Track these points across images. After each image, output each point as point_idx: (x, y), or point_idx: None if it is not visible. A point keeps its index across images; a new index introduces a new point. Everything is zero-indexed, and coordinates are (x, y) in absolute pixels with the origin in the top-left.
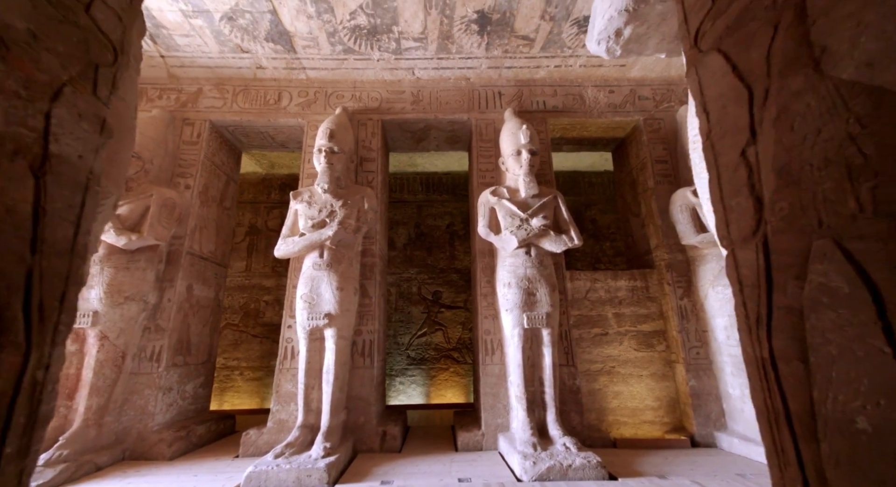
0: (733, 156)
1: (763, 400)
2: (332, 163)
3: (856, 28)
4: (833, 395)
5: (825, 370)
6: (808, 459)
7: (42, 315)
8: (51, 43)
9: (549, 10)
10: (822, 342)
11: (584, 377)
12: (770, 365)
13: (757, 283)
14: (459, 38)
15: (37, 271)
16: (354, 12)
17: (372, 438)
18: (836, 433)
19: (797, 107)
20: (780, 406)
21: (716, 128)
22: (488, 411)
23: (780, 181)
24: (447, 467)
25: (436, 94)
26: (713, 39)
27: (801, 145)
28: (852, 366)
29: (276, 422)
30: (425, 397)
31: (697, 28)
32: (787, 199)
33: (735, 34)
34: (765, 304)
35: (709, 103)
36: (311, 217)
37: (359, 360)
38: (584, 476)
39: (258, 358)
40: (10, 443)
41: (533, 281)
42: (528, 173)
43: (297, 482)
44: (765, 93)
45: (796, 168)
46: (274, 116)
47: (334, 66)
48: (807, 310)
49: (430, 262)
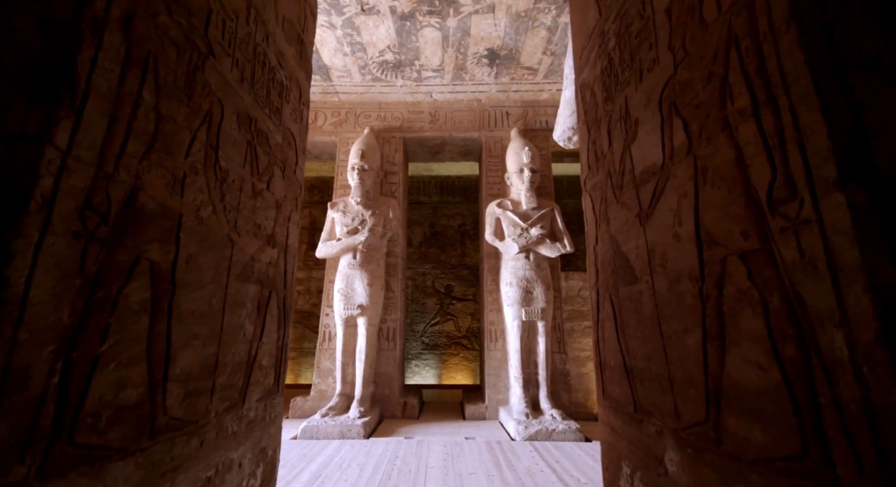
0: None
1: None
2: (364, 179)
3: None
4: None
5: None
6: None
7: (286, 316)
8: (290, 196)
9: (550, 47)
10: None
11: (573, 362)
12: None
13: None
14: (472, 69)
15: (288, 296)
16: (383, 51)
17: (395, 407)
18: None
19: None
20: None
21: (590, 235)
22: (491, 388)
23: (600, 266)
24: (457, 429)
25: (450, 114)
26: (588, 188)
27: (604, 255)
28: (611, 344)
29: (317, 392)
30: (437, 378)
31: (584, 181)
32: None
33: (593, 190)
34: (595, 313)
35: (588, 224)
36: (345, 224)
37: (384, 343)
38: (566, 438)
39: (292, 340)
40: (282, 366)
41: (531, 281)
42: (528, 189)
43: (341, 434)
44: (597, 225)
45: (603, 261)
46: (312, 135)
47: (363, 91)
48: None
49: (443, 259)
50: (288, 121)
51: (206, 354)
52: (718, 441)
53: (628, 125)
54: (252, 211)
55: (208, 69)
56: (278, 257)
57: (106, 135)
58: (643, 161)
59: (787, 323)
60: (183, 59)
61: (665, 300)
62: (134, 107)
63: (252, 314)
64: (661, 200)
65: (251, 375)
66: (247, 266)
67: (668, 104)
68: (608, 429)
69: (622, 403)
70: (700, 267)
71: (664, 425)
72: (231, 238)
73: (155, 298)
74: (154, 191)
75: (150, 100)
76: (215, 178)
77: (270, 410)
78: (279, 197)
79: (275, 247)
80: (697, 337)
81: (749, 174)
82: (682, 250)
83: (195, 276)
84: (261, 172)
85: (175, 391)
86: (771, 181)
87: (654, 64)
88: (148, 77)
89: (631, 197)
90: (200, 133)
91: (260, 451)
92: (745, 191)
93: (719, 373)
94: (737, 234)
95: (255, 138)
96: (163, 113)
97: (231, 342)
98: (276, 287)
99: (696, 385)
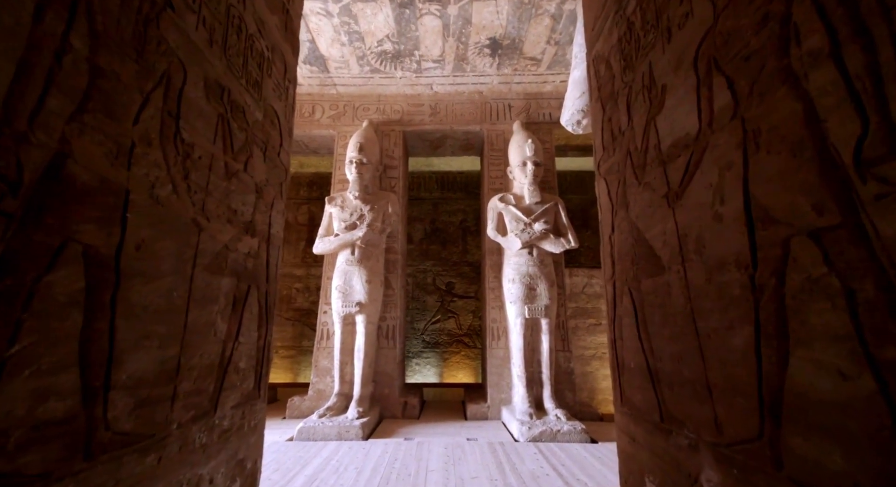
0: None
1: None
2: (362, 173)
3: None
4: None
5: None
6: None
7: (268, 313)
8: (273, 181)
9: (554, 36)
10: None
11: (577, 361)
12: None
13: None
14: (473, 60)
15: (271, 291)
16: (381, 40)
17: (395, 406)
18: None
19: (619, 224)
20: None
21: (603, 222)
22: (493, 387)
23: (618, 257)
24: (458, 430)
25: (451, 107)
26: (602, 171)
27: (622, 245)
28: (631, 343)
29: (315, 391)
30: (439, 377)
31: (598, 163)
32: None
33: (609, 174)
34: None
35: (602, 208)
36: (343, 219)
37: (384, 342)
38: (570, 439)
39: (291, 338)
40: (264, 367)
41: (534, 277)
42: (532, 182)
43: (338, 436)
44: (613, 211)
45: (621, 251)
46: (309, 128)
47: (362, 83)
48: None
49: (444, 255)
50: (270, 98)
51: (165, 356)
52: (777, 463)
53: (653, 94)
54: (225, 194)
55: (165, 23)
56: (259, 247)
57: (14, 83)
58: (672, 133)
59: (888, 318)
60: (130, 6)
61: (701, 292)
62: (57, 55)
63: (226, 310)
64: (696, 176)
65: (225, 379)
66: (219, 256)
67: (705, 62)
68: (627, 438)
69: (645, 410)
70: (751, 252)
71: (699, 438)
72: (198, 222)
73: (92, 290)
74: (89, 161)
75: (81, 48)
76: (176, 152)
77: (250, 417)
78: (259, 180)
79: (255, 237)
80: (747, 335)
81: (825, 131)
82: (724, 233)
83: (149, 265)
84: (236, 151)
85: (121, 400)
86: (860, 136)
87: (687, 18)
88: (78, 21)
89: (656, 176)
90: (155, 97)
91: (237, 464)
92: (819, 154)
93: (778, 380)
94: (806, 209)
95: (228, 111)
96: (101, 67)
97: (198, 342)
98: (256, 280)
99: (745, 393)
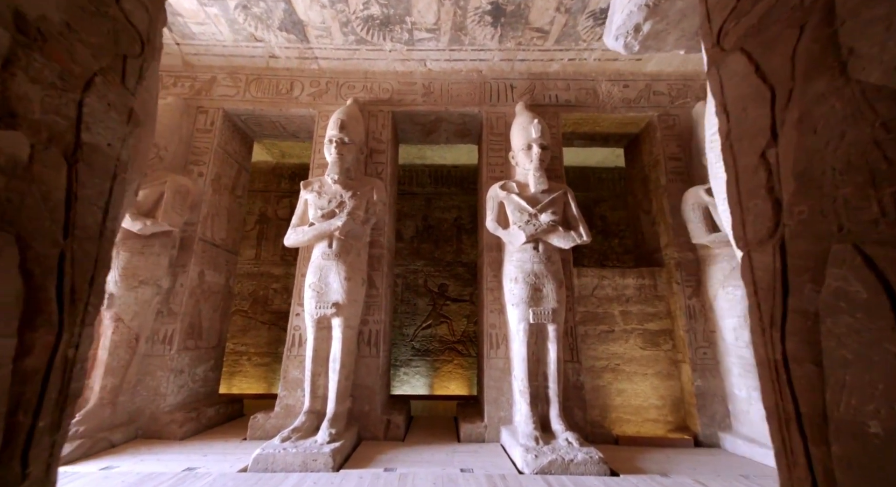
0: (753, 158)
1: (774, 401)
2: (343, 153)
3: (885, 31)
4: (846, 399)
5: (839, 373)
6: (818, 460)
7: (73, 297)
8: (84, 34)
9: (565, 1)
10: (836, 346)
11: (588, 373)
12: (783, 366)
13: (772, 286)
14: (473, 30)
15: (69, 255)
16: (368, 2)
17: (376, 426)
18: (848, 436)
19: (821, 111)
20: (791, 408)
21: (735, 128)
22: (491, 404)
23: (800, 184)
24: (450, 457)
25: (447, 87)
26: (736, 39)
27: (824, 149)
28: (867, 371)
29: (283, 407)
30: (429, 388)
31: (720, 27)
32: (806, 203)
33: (759, 35)
34: (780, 307)
35: (729, 104)
36: (320, 207)
37: (365, 350)
38: (586, 470)
39: (266, 344)
40: (43, 417)
41: (540, 276)
42: (538, 168)
43: (303, 465)
44: (788, 95)
45: (818, 172)
46: (286, 106)
47: (346, 57)
48: (822, 314)
49: (437, 255)
50: None
51: None
52: None
53: None
54: None
55: None
56: (38, 158)
57: None
58: None
59: None
60: None
61: None
62: None
63: None
64: None
65: None
66: None
67: None
68: None
69: None
70: None
71: None
72: None
73: None
74: None
75: None
76: None
77: None
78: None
79: (36, 133)
80: None
81: None
82: None
83: None
84: None
85: None
86: None
87: None
88: None
89: None
90: None
91: None
92: None
93: None
94: None
95: None
96: None
97: None
98: (21, 226)
99: None
